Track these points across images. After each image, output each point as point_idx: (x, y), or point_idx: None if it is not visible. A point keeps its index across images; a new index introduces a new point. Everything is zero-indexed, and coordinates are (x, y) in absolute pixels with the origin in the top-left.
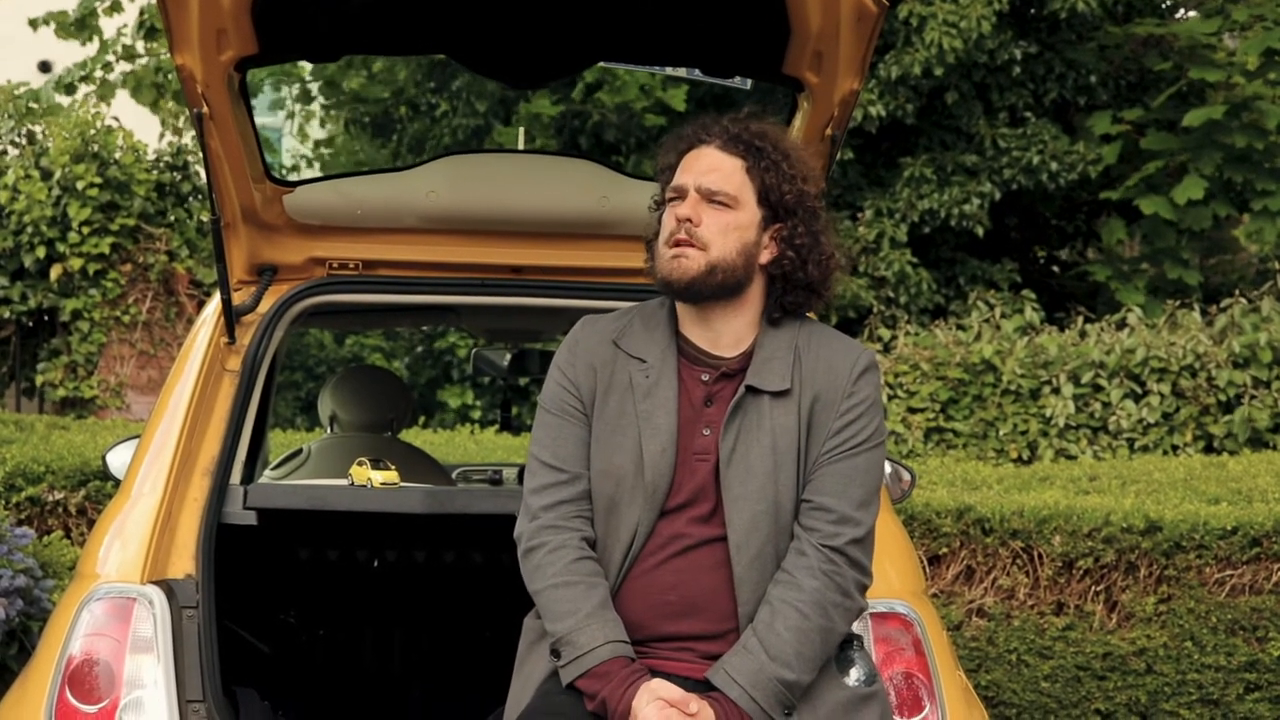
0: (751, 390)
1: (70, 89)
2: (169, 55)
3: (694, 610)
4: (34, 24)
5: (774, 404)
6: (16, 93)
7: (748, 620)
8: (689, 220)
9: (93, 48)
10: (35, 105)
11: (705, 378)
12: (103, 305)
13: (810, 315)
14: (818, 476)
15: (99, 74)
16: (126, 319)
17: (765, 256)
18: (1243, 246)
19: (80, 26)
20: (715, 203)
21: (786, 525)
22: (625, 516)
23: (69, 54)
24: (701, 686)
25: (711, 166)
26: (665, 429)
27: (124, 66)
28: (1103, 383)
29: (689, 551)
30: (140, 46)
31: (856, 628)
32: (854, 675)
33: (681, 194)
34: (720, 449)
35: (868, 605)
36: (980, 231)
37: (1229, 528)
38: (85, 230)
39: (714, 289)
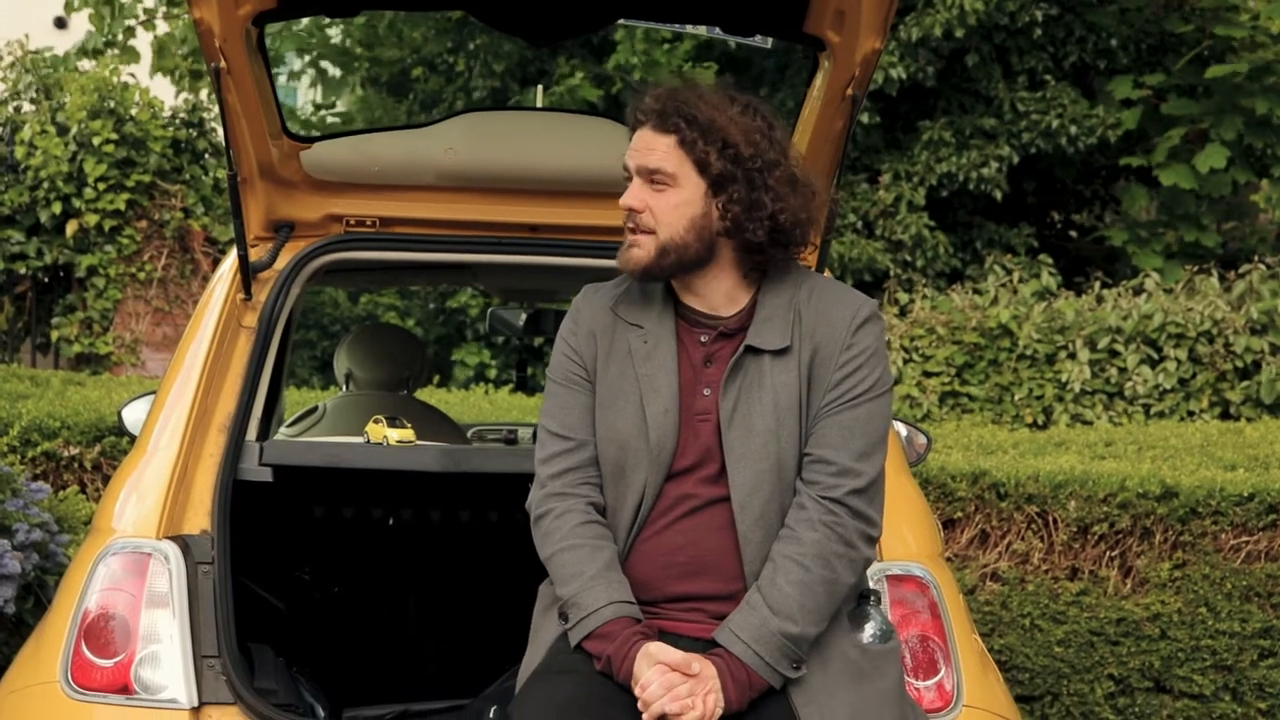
0: (751, 350)
1: (97, 53)
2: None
3: (703, 570)
4: (69, 6)
5: (774, 362)
6: (37, 57)
7: (755, 579)
8: (632, 209)
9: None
10: (54, 70)
11: (704, 338)
12: (118, 262)
13: (826, 273)
14: (818, 430)
15: (120, 38)
16: (142, 275)
17: (719, 224)
18: (1261, 210)
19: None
20: (656, 183)
21: (790, 483)
22: (632, 480)
23: (83, 12)
24: (710, 647)
25: (647, 148)
26: (666, 390)
27: (145, 33)
28: (1119, 348)
29: (697, 512)
30: (161, 13)
31: (873, 586)
32: (869, 631)
33: (630, 177)
34: (720, 409)
35: (874, 556)
36: (998, 195)
37: (1245, 494)
38: (101, 186)
39: (671, 269)
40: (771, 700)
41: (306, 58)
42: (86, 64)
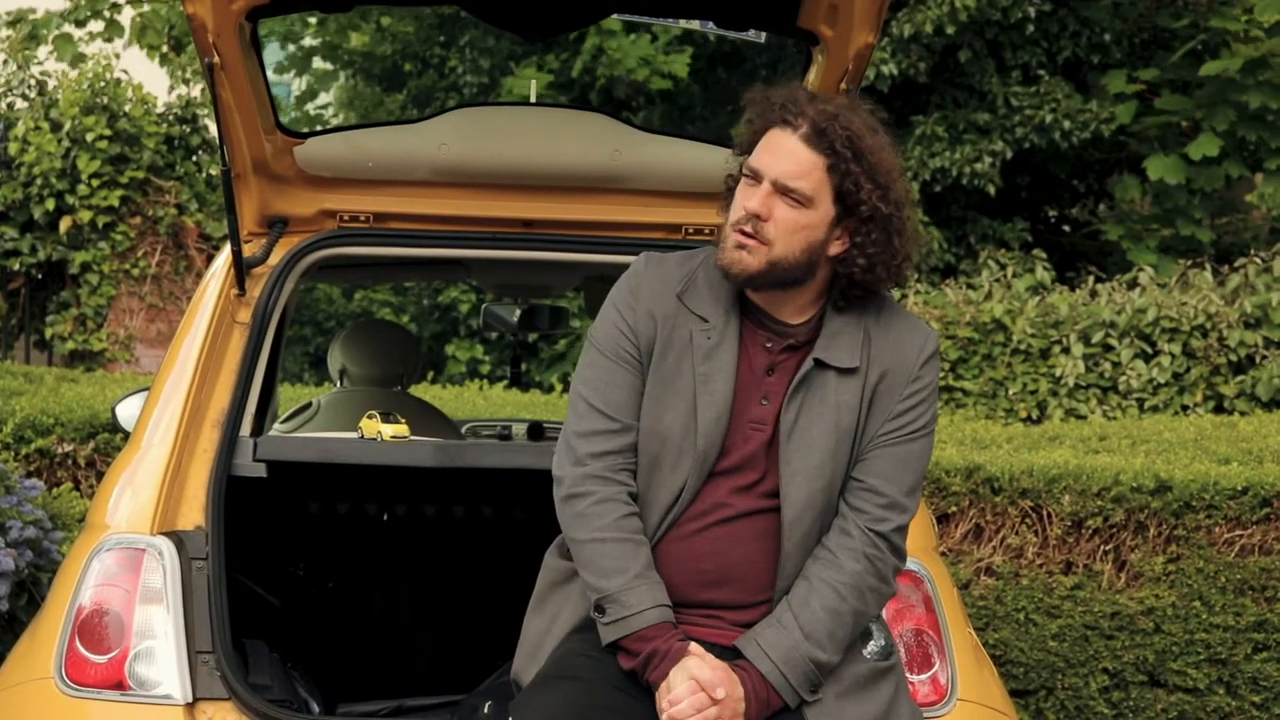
0: (818, 364)
1: (80, 23)
2: (180, 6)
3: (728, 580)
4: None
5: (840, 381)
6: (14, 23)
7: (784, 594)
8: (757, 216)
9: None
10: (44, 32)
11: (769, 345)
12: (112, 258)
13: None
14: (871, 457)
15: (107, 12)
16: (136, 272)
17: (834, 249)
18: (1255, 206)
19: None
20: (789, 198)
21: (834, 505)
22: (669, 478)
23: None
24: (729, 653)
25: (792, 159)
26: (722, 396)
27: (130, 11)
28: (1113, 342)
29: (730, 522)
30: None
31: None
32: (870, 647)
33: (756, 178)
34: (781, 421)
35: (897, 590)
36: (992, 190)
37: (1239, 488)
38: (95, 183)
39: (774, 284)
40: (783, 716)
41: (290, 48)
42: (70, 28)
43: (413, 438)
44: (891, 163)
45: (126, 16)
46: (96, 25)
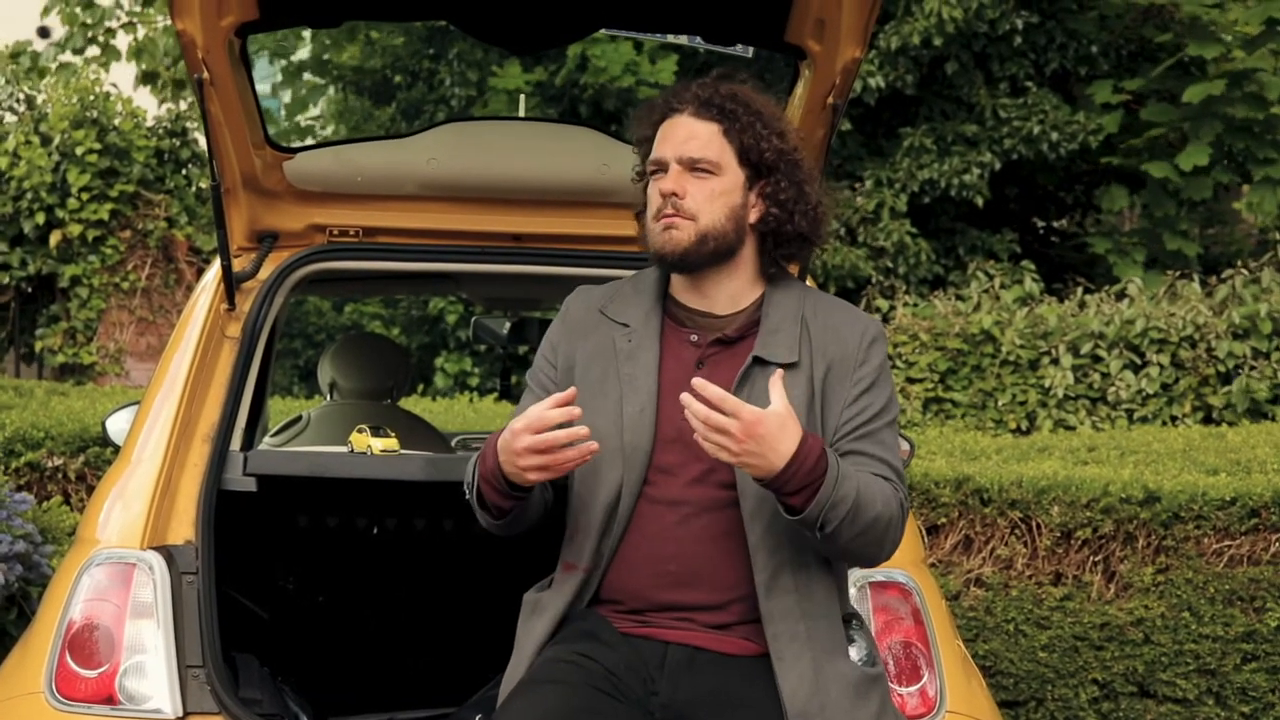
0: (759, 361)
1: (78, 51)
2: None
3: (696, 580)
4: (46, 10)
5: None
6: (15, 55)
7: (764, 588)
8: (674, 194)
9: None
10: (35, 66)
11: (694, 339)
12: (102, 272)
13: (810, 282)
14: (842, 445)
15: (102, 38)
16: (126, 285)
17: (753, 215)
18: (1242, 218)
19: (85, 4)
20: (698, 171)
21: None
22: (606, 478)
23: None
24: (704, 656)
25: (689, 135)
26: (646, 391)
27: (125, 36)
28: (1102, 353)
29: (691, 520)
30: (139, 16)
31: (855, 598)
32: (854, 654)
33: (662, 167)
34: None
35: (885, 557)
36: (980, 202)
37: (1227, 498)
38: (84, 196)
39: (707, 257)
40: None
41: (281, 62)
42: (67, 56)
43: (403, 451)
44: (780, 113)
45: (122, 42)
46: (93, 50)
